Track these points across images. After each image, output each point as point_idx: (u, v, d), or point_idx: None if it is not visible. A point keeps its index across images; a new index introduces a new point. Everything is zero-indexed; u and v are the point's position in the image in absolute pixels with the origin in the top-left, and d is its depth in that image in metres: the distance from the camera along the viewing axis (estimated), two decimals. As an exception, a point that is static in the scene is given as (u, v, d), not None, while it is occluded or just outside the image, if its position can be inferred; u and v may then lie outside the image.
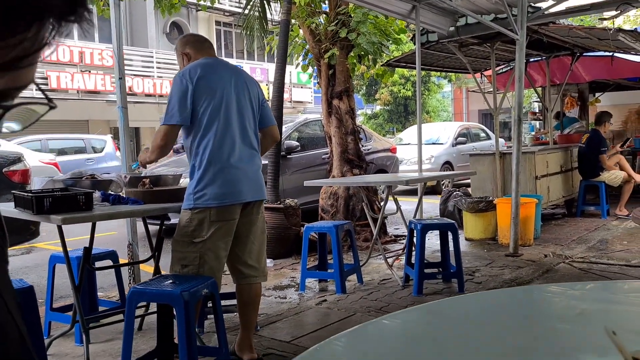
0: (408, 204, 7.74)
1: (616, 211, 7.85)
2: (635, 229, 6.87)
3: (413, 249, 4.77)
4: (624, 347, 0.73)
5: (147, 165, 3.59)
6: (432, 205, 9.07)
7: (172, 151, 7.39)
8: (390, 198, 5.04)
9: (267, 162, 6.35)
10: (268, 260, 5.42)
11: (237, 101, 3.07)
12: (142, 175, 3.58)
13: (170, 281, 2.79)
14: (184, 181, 3.51)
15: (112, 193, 3.18)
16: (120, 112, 4.56)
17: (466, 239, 6.56)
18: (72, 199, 2.82)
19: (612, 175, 7.84)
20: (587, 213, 8.15)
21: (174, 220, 4.47)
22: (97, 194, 3.11)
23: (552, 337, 1.19)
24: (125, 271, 4.44)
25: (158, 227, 3.64)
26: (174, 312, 2.81)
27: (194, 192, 2.99)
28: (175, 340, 2.92)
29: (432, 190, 11.57)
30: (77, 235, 5.24)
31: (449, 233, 4.65)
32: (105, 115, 17.18)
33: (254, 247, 3.16)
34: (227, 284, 4.34)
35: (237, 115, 3.06)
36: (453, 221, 4.80)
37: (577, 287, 1.47)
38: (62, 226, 2.92)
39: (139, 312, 3.84)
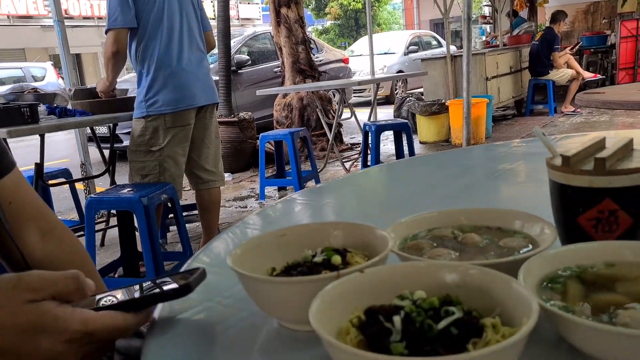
0: (362, 114, 7.76)
1: (563, 108, 8.10)
2: (581, 123, 7.12)
3: (369, 152, 4.84)
4: (552, 146, 0.78)
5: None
6: (386, 114, 9.13)
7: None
8: (346, 110, 5.04)
9: (217, 78, 6.19)
10: (226, 174, 5.41)
11: (179, 2, 2.94)
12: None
13: (129, 189, 2.76)
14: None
15: (58, 106, 3.07)
16: (57, 27, 4.31)
17: (420, 142, 6.68)
18: (16, 112, 2.70)
19: (560, 73, 8.01)
20: (535, 112, 8.40)
21: (126, 143, 4.36)
22: (42, 108, 3.00)
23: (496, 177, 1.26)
24: (82, 193, 4.37)
25: (109, 147, 3.55)
26: (135, 222, 2.81)
27: (145, 100, 2.91)
28: (139, 249, 2.93)
29: (386, 101, 11.62)
30: (22, 165, 5.08)
31: (403, 135, 4.72)
32: (42, 42, 16.24)
33: (210, 151, 3.14)
34: (187, 199, 4.34)
35: (180, 17, 2.94)
36: (406, 121, 4.86)
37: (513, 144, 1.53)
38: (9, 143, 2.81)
39: (99, 227, 3.82)
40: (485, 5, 15.26)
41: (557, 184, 0.75)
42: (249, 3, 21.92)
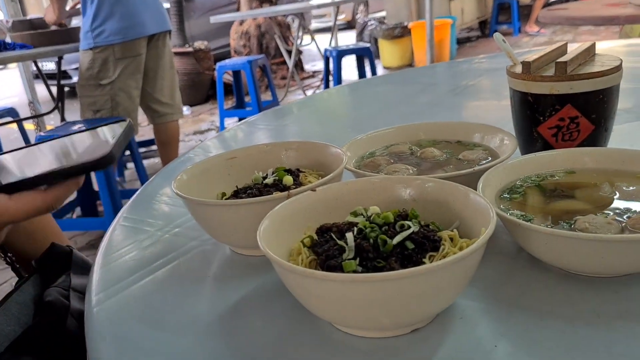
0: (323, 40, 7.57)
1: (527, 28, 8.06)
2: (545, 43, 7.11)
3: (330, 79, 4.75)
4: (512, 53, 0.74)
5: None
6: (348, 40, 8.94)
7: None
8: (306, 36, 4.89)
9: (168, 5, 5.90)
10: (185, 108, 5.26)
11: None
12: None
13: (79, 126, 2.65)
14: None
15: (-4, 39, 2.87)
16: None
17: (384, 68, 6.59)
18: (-51, 46, 2.52)
19: (524, -9, 7.90)
20: (500, 32, 8.33)
21: (75, 79, 4.16)
22: (-22, 42, 2.80)
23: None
24: (34, 133, 4.19)
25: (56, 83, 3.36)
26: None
27: (92, 30, 2.74)
28: (96, 188, 2.85)
29: (347, 26, 11.35)
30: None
31: (366, 60, 4.63)
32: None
33: (165, 82, 3.01)
34: (144, 135, 4.22)
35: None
36: (368, 45, 4.76)
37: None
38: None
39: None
40: None
41: (517, 93, 0.72)
42: None
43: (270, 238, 0.50)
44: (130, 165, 3.76)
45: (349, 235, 0.48)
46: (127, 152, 3.41)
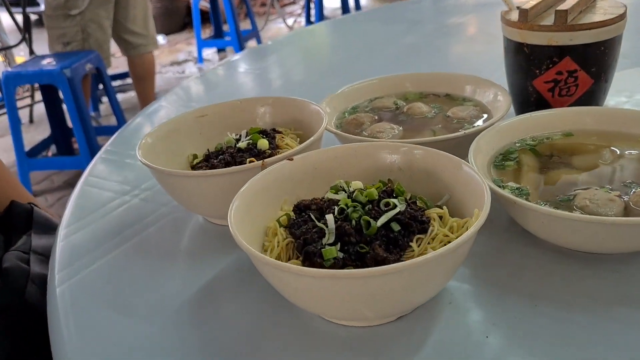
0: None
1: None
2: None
3: (312, 7, 4.56)
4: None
5: None
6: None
7: None
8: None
9: None
10: (160, 37, 5.05)
11: None
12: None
13: (49, 60, 2.51)
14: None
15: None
16: None
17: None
18: None
19: None
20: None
21: (42, 7, 3.94)
22: None
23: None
24: (2, 66, 4.00)
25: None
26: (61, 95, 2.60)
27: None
28: (70, 124, 2.75)
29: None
30: None
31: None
32: None
33: (137, 11, 2.85)
34: (119, 67, 4.07)
35: None
36: (351, -29, 4.55)
37: None
38: None
39: (24, 102, 3.58)
40: None
41: (512, 43, 0.66)
42: None
43: (243, 218, 0.45)
44: (105, 99, 3.64)
45: (329, 217, 0.44)
46: (101, 86, 3.29)
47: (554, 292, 0.44)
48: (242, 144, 0.59)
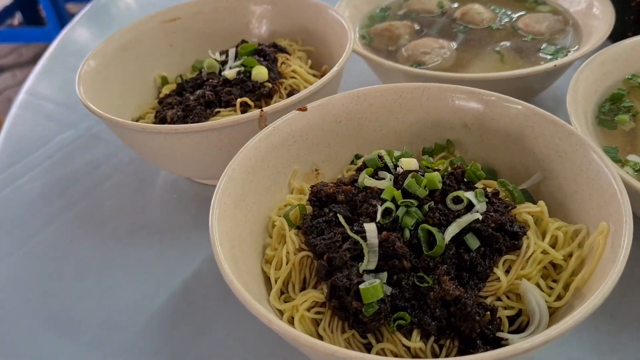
0: None
1: None
2: None
3: None
4: None
5: None
6: None
7: None
8: None
9: None
10: None
11: None
12: None
13: None
14: None
15: None
16: None
17: None
18: None
19: None
20: None
21: None
22: None
23: None
24: None
25: None
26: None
27: None
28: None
29: None
30: None
31: None
32: None
33: None
34: None
35: None
36: None
37: None
38: None
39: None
40: None
41: None
42: None
43: (227, 224, 0.29)
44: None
45: (370, 228, 0.28)
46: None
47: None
48: (229, 73, 0.41)
